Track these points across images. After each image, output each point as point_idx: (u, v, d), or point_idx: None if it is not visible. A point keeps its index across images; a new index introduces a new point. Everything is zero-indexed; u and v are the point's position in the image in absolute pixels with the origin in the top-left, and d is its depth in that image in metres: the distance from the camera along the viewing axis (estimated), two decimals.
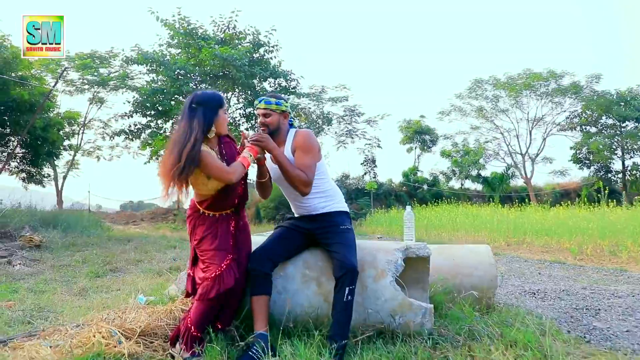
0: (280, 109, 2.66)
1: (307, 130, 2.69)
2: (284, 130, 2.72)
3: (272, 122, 2.65)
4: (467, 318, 2.74)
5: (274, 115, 2.65)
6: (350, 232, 2.55)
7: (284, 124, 2.71)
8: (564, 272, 6.27)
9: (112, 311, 2.95)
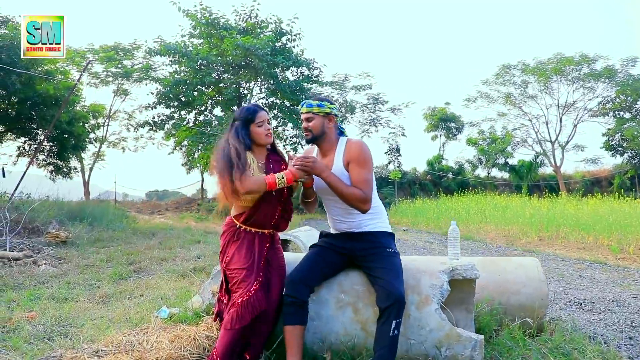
0: (323, 111, 2.43)
1: (361, 141, 2.44)
2: (331, 136, 2.48)
3: (315, 126, 2.43)
4: (520, 348, 2.47)
5: (316, 118, 2.43)
6: (397, 256, 2.29)
7: (330, 128, 2.47)
8: (606, 275, 5.89)
9: (133, 331, 2.78)
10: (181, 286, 4.94)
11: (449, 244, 2.68)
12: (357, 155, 2.36)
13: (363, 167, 2.34)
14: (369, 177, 2.34)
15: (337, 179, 2.29)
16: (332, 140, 2.48)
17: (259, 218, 2.34)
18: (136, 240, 9.97)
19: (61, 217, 11.38)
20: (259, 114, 2.38)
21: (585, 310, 3.98)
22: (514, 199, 18.08)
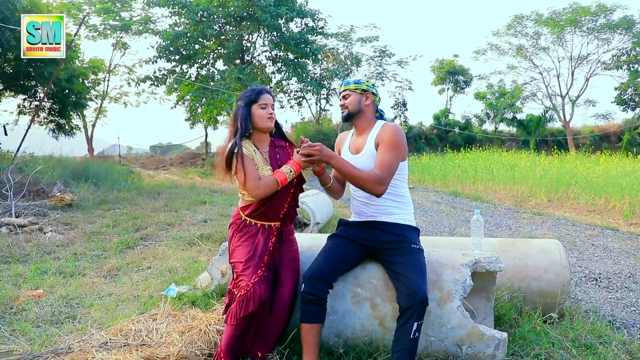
0: (359, 87, 2.37)
1: (398, 125, 2.31)
2: (367, 115, 2.39)
3: (351, 102, 2.36)
4: (542, 340, 2.38)
5: (353, 95, 2.37)
6: (421, 253, 2.16)
7: (367, 106, 2.38)
8: (619, 244, 5.80)
9: (141, 318, 2.72)
10: (189, 256, 4.89)
11: (472, 233, 2.53)
12: (388, 138, 2.25)
13: (390, 151, 2.21)
14: (392, 162, 2.19)
15: (347, 164, 2.16)
16: (369, 120, 2.39)
17: (266, 211, 2.23)
18: (141, 201, 9.93)
19: (65, 177, 11.32)
20: (263, 96, 2.25)
21: (602, 287, 3.90)
22: (523, 156, 17.83)
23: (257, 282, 2.08)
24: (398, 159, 2.22)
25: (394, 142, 2.21)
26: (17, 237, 5.76)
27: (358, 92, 2.36)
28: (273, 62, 24.29)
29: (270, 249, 2.19)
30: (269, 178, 2.12)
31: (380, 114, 2.47)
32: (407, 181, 2.40)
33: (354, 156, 2.35)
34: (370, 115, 2.38)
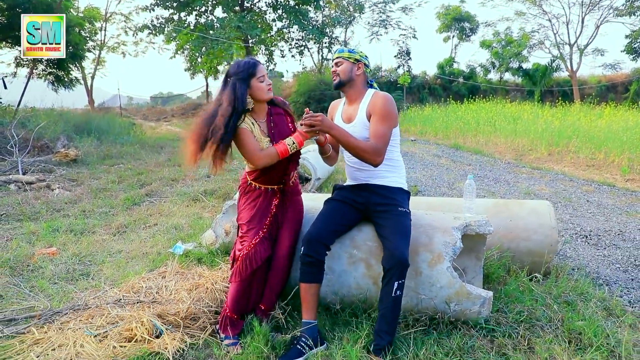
0: (352, 56, 2.42)
1: (387, 95, 2.37)
2: (358, 84, 2.45)
3: (343, 70, 2.42)
4: (526, 298, 2.54)
5: (345, 63, 2.43)
6: (408, 216, 2.27)
7: (358, 75, 2.44)
8: (614, 201, 5.93)
9: (151, 276, 2.89)
10: (193, 212, 5.05)
11: (465, 197, 2.64)
12: (380, 109, 2.32)
13: (383, 122, 2.29)
14: (387, 132, 2.28)
15: (346, 134, 2.24)
16: (359, 89, 2.45)
17: (268, 177, 2.35)
18: (145, 155, 10.04)
19: (68, 132, 11.38)
20: (259, 67, 2.27)
21: (591, 244, 4.06)
22: (526, 107, 17.65)
23: (258, 242, 2.24)
24: (391, 127, 2.30)
25: (386, 113, 2.28)
26: (26, 194, 5.92)
27: (351, 61, 2.41)
28: (274, 9, 23.59)
29: (273, 210, 2.33)
30: (270, 149, 2.20)
31: (370, 83, 2.49)
32: (398, 146, 2.48)
33: (346, 125, 2.42)
34: (360, 85, 2.44)
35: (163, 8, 21.25)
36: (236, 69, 2.22)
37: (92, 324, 2.29)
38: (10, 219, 4.75)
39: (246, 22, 20.00)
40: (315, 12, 24.42)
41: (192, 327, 2.28)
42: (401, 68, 27.80)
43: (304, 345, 2.11)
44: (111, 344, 2.08)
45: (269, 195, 2.36)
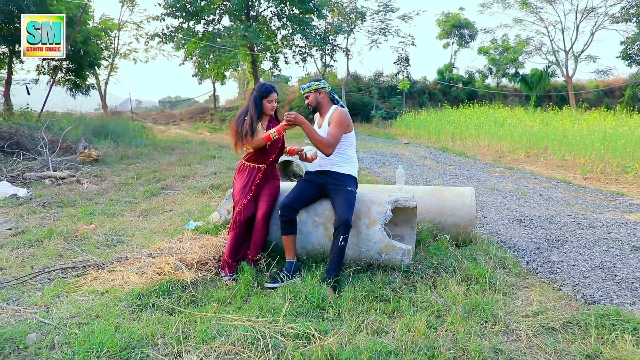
0: (311, 89, 3.40)
1: (343, 110, 3.37)
2: (324, 104, 3.45)
3: (311, 100, 3.44)
4: (442, 253, 3.53)
5: (310, 95, 3.43)
6: (352, 194, 3.26)
7: (322, 98, 3.44)
8: (563, 194, 6.87)
9: (173, 240, 3.90)
10: (202, 202, 6.07)
11: (397, 181, 3.63)
12: (335, 119, 3.31)
13: (335, 127, 3.28)
14: (337, 134, 3.27)
15: (312, 129, 3.23)
16: (326, 107, 3.46)
17: (257, 158, 3.39)
18: (158, 156, 11.10)
19: (87, 134, 12.46)
20: (272, 95, 3.40)
21: (522, 225, 5.01)
22: (516, 112, 18.52)
23: (247, 203, 3.28)
24: (342, 132, 3.28)
25: (339, 122, 3.27)
26: (60, 187, 6.97)
27: (313, 92, 3.39)
28: (278, 17, 24.69)
29: (256, 182, 3.35)
30: (259, 137, 3.24)
31: (336, 100, 3.48)
32: (354, 145, 3.46)
33: (318, 130, 3.41)
34: (326, 103, 3.44)
35: (173, 17, 22.41)
36: (259, 88, 3.40)
37: (132, 267, 3.30)
38: (52, 206, 5.80)
39: (252, 31, 21.08)
40: (319, 20, 25.47)
41: (202, 269, 3.28)
42: (401, 74, 28.73)
43: (282, 277, 3.11)
44: (148, 276, 3.08)
45: (254, 172, 3.39)
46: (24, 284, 3.21)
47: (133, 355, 2.18)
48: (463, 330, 2.48)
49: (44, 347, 2.28)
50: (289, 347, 2.27)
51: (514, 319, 2.67)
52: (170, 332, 2.40)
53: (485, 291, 3.01)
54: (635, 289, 3.18)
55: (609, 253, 3.98)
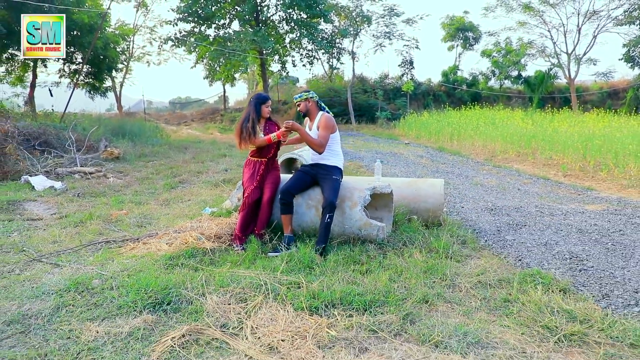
0: (302, 98, 4.23)
1: (328, 115, 4.20)
2: (313, 111, 4.27)
3: (302, 108, 4.27)
4: (413, 231, 4.32)
5: (302, 103, 4.25)
6: (337, 181, 4.07)
7: (311, 106, 4.25)
8: (539, 189, 7.62)
9: (193, 221, 4.74)
10: (215, 193, 6.91)
11: (375, 172, 4.44)
12: (323, 123, 4.13)
13: (323, 130, 4.09)
14: (326, 135, 4.08)
15: (305, 133, 4.06)
16: (314, 113, 4.27)
17: (259, 154, 4.20)
18: (173, 154, 11.99)
19: (107, 134, 13.40)
20: (268, 102, 4.26)
21: (492, 214, 5.78)
22: (515, 114, 19.16)
23: (253, 189, 4.09)
24: (329, 133, 4.09)
25: (325, 125, 4.09)
26: (90, 181, 7.87)
27: (304, 100, 4.20)
28: (286, 22, 25.58)
29: (260, 173, 4.17)
30: (262, 137, 4.05)
31: (322, 106, 4.29)
32: (339, 143, 4.27)
33: (309, 131, 4.22)
34: (314, 110, 4.24)
35: (185, 22, 23.39)
36: (258, 97, 4.24)
37: (162, 239, 4.14)
38: (86, 196, 6.68)
39: (260, 35, 21.97)
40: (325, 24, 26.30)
41: (218, 241, 4.11)
42: (405, 76, 29.45)
43: (281, 247, 3.93)
44: (176, 245, 3.92)
45: (258, 164, 4.21)
46: (78, 252, 4.07)
47: (171, 293, 3.01)
48: (416, 283, 3.28)
49: (105, 288, 3.13)
50: (283, 290, 3.10)
51: (459, 277, 3.47)
52: (195, 281, 3.24)
53: (441, 259, 3.80)
54: (565, 259, 3.96)
55: (557, 234, 4.75)
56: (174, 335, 2.55)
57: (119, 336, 2.56)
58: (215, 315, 2.79)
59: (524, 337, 2.60)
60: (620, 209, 5.97)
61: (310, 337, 2.57)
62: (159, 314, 2.82)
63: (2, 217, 5.40)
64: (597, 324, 2.72)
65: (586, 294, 3.20)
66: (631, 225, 5.08)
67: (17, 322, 2.72)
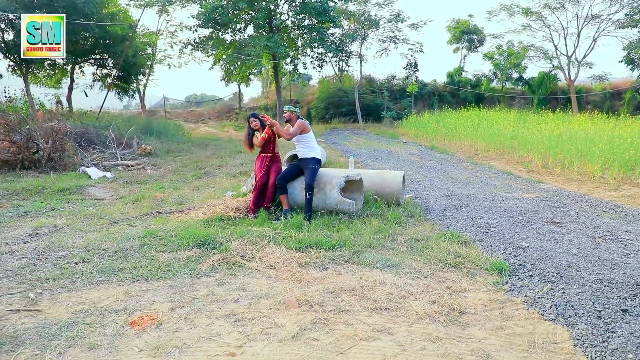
0: (289, 110, 5.96)
1: (301, 120, 5.93)
2: (294, 119, 5.98)
3: (287, 116, 5.99)
4: (376, 208, 6.05)
5: (288, 113, 5.99)
6: (314, 169, 5.78)
7: (294, 116, 5.98)
8: (498, 182, 9.24)
9: (219, 200, 6.52)
10: (234, 182, 8.69)
11: (349, 165, 6.16)
12: (296, 125, 5.85)
13: (295, 127, 5.82)
14: (294, 131, 5.81)
15: (280, 127, 5.83)
16: (294, 120, 6.00)
17: (264, 150, 5.94)
18: (195, 150, 13.83)
19: (138, 133, 15.29)
20: (251, 119, 6.01)
21: (447, 199, 7.44)
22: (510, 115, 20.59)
23: (262, 175, 5.84)
24: (297, 131, 5.80)
25: (297, 125, 5.80)
26: (132, 172, 9.72)
27: (290, 112, 5.93)
28: (298, 27, 27.31)
29: (267, 163, 5.91)
30: (259, 140, 5.80)
31: (300, 117, 6.01)
32: (314, 140, 5.98)
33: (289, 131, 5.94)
34: (295, 119, 5.95)
35: (204, 28, 25.28)
36: (248, 116, 5.96)
37: (198, 211, 5.92)
38: (132, 183, 8.52)
39: (273, 41, 23.73)
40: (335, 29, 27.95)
41: (238, 212, 5.87)
42: (410, 78, 30.97)
43: (284, 216, 5.67)
44: (209, 214, 5.70)
45: (264, 158, 5.96)
46: (139, 219, 5.88)
47: (209, 239, 4.78)
48: (367, 237, 5.01)
49: (168, 236, 4.91)
50: (279, 238, 4.85)
51: (398, 235, 5.18)
52: (224, 233, 5.00)
53: (391, 225, 5.52)
54: (480, 226, 5.64)
55: (487, 213, 6.42)
56: (213, 259, 4.32)
57: (181, 259, 4.35)
58: (237, 250, 4.56)
59: (423, 264, 4.32)
60: (550, 196, 7.60)
61: (295, 261, 4.32)
62: (203, 249, 4.60)
63: (76, 197, 7.25)
64: (472, 259, 4.42)
65: (477, 245, 4.89)
66: (546, 207, 6.73)
67: (119, 252, 4.53)
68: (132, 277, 3.97)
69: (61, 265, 4.21)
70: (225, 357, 2.74)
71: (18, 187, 7.63)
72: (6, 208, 6.48)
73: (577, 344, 2.91)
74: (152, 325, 3.11)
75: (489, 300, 3.56)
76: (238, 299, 3.54)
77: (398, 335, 3.00)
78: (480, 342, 2.93)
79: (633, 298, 3.54)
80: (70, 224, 5.63)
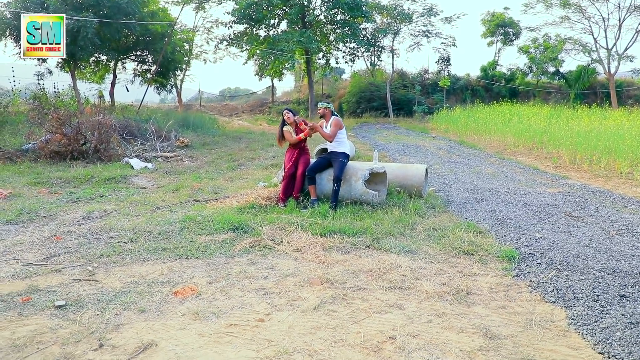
0: (323, 106, 6.36)
1: (337, 118, 6.32)
2: (328, 115, 6.37)
3: (321, 112, 6.39)
4: (398, 199, 6.38)
5: (322, 109, 6.37)
6: (343, 163, 6.15)
7: (328, 112, 6.37)
8: (523, 177, 9.36)
9: (252, 190, 7.01)
10: (266, 174, 9.17)
11: (374, 158, 6.51)
12: (333, 123, 6.24)
13: (333, 127, 6.21)
14: (334, 131, 6.19)
15: (322, 130, 6.18)
16: (328, 116, 6.38)
17: (295, 146, 6.35)
18: (230, 143, 14.44)
19: (175, 126, 16.04)
20: (284, 112, 6.37)
21: (469, 192, 7.68)
22: (543, 110, 20.34)
23: (291, 166, 6.27)
24: (336, 130, 6.18)
25: (334, 124, 6.18)
26: (170, 163, 10.36)
27: (324, 108, 6.31)
28: (331, 22, 27.63)
29: (295, 156, 6.33)
30: (295, 138, 6.20)
31: (334, 112, 6.39)
32: (345, 137, 6.34)
33: (324, 129, 6.33)
34: (329, 115, 6.34)
35: (239, 24, 25.96)
36: (282, 110, 6.33)
37: (233, 199, 6.42)
38: (172, 173, 9.13)
39: (306, 36, 24.16)
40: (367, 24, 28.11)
41: (269, 201, 6.33)
42: (442, 72, 30.78)
43: (311, 205, 6.09)
44: (242, 202, 6.18)
45: (294, 151, 6.36)
46: (179, 206, 6.42)
47: (242, 224, 5.25)
48: (388, 225, 5.36)
49: (205, 220, 5.42)
50: (306, 225, 5.27)
51: (418, 225, 5.51)
52: (256, 219, 5.47)
53: (411, 215, 5.85)
54: (497, 218, 5.89)
55: (506, 206, 6.64)
56: (245, 242, 4.79)
57: (217, 241, 4.83)
58: (267, 235, 5.01)
59: (438, 251, 4.65)
60: (572, 191, 7.72)
61: (319, 245, 4.73)
62: (237, 233, 5.07)
63: (121, 186, 7.90)
64: (485, 247, 4.72)
65: (493, 235, 5.17)
66: (567, 202, 6.89)
67: (162, 234, 5.06)
68: (174, 255, 4.47)
69: (113, 244, 4.77)
70: (255, 322, 3.18)
71: (69, 176, 8.35)
72: (61, 195, 7.16)
73: (572, 322, 3.20)
74: (192, 295, 3.59)
75: (495, 283, 3.87)
76: (267, 276, 3.97)
77: (408, 310, 3.36)
78: (482, 319, 3.26)
79: (633, 285, 3.78)
80: (118, 209, 6.23)
